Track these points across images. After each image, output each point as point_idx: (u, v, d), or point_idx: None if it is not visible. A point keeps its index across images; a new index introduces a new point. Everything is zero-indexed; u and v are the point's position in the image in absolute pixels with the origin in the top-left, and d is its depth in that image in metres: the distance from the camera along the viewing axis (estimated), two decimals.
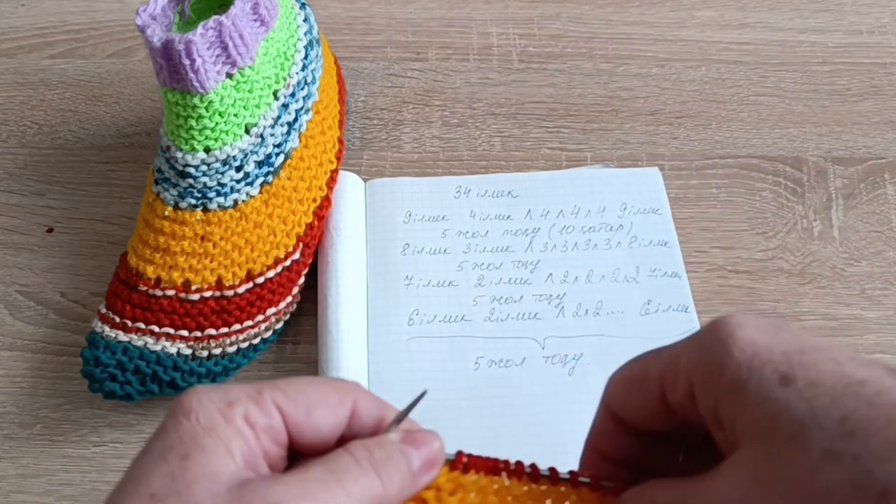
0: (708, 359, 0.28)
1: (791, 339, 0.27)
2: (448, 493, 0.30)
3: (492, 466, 0.31)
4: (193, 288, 0.50)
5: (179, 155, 0.48)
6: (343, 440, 0.30)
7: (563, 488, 0.31)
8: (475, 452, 0.31)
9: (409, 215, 0.58)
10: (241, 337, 0.51)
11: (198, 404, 0.28)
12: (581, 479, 0.31)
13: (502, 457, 0.32)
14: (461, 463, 0.31)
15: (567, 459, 0.49)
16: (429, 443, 0.30)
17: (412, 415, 0.32)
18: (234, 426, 0.27)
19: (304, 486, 0.27)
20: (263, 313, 0.52)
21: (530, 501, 0.30)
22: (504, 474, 0.31)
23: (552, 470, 0.31)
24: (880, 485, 0.23)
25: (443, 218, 0.58)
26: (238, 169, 0.49)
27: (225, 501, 0.26)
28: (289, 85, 0.51)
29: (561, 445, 0.49)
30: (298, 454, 0.29)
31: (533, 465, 0.31)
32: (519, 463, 0.31)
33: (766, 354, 0.27)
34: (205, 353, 0.50)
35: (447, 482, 0.30)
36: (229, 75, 0.46)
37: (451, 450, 0.31)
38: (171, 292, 0.49)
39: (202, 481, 0.26)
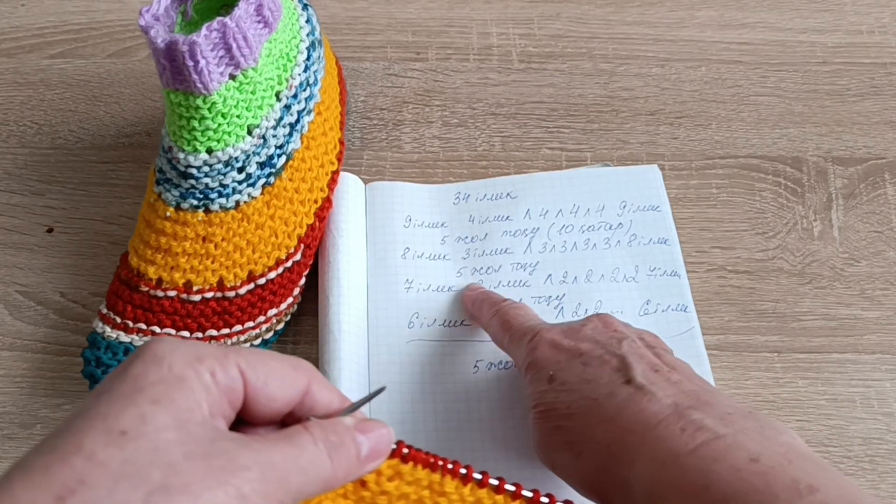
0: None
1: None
2: (387, 479, 0.32)
3: (429, 462, 0.33)
4: (195, 289, 0.50)
5: (181, 156, 0.48)
6: (291, 416, 0.31)
7: (491, 493, 0.33)
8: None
9: (409, 220, 0.58)
10: (241, 338, 0.51)
11: (170, 353, 0.28)
12: (506, 486, 0.33)
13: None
14: (401, 452, 0.33)
15: None
16: (378, 433, 0.32)
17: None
18: (203, 381, 0.28)
19: (270, 455, 0.28)
20: (264, 314, 0.52)
21: (459, 501, 0.33)
22: (440, 472, 0.33)
23: (484, 474, 0.33)
24: None
25: (442, 224, 0.58)
26: (240, 170, 0.49)
27: (194, 454, 0.26)
28: (291, 86, 0.51)
29: None
30: (241, 421, 0.30)
31: (468, 467, 0.33)
32: (455, 463, 0.33)
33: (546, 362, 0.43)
34: None
35: (388, 468, 0.32)
36: (232, 76, 0.46)
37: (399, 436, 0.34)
38: (172, 293, 0.50)
39: (173, 429, 0.26)
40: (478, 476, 0.33)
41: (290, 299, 0.54)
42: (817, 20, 0.70)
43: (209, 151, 0.48)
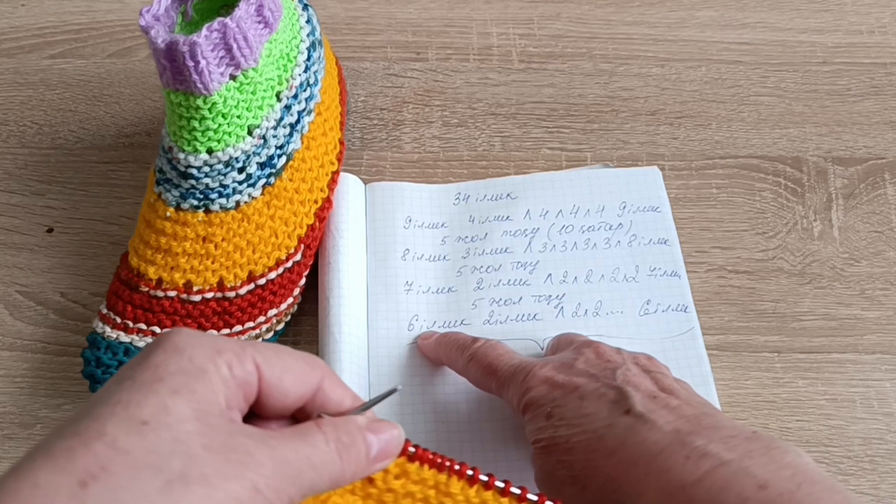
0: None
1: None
2: (394, 477, 0.33)
3: (436, 462, 0.33)
4: (195, 289, 0.50)
5: (182, 156, 0.48)
6: (302, 411, 0.32)
7: (497, 495, 0.33)
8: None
9: (409, 221, 0.58)
10: (241, 338, 0.51)
11: (190, 345, 0.28)
12: (512, 489, 0.33)
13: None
14: (407, 451, 0.33)
15: None
16: (389, 434, 0.32)
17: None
18: (221, 374, 0.28)
19: (284, 452, 0.28)
20: (265, 314, 0.52)
21: (465, 502, 0.33)
22: (446, 472, 0.33)
23: (490, 476, 0.33)
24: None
25: (442, 225, 0.58)
26: (240, 170, 0.49)
27: (213, 446, 0.26)
28: (291, 86, 0.51)
29: None
30: (252, 414, 0.31)
31: (475, 469, 0.33)
32: (462, 464, 0.33)
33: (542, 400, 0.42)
34: None
35: (394, 466, 0.33)
36: (233, 77, 0.46)
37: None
38: (172, 293, 0.50)
39: (192, 421, 0.26)
40: (484, 478, 0.33)
41: (290, 299, 0.54)
42: (817, 20, 0.70)
43: (209, 152, 0.48)
